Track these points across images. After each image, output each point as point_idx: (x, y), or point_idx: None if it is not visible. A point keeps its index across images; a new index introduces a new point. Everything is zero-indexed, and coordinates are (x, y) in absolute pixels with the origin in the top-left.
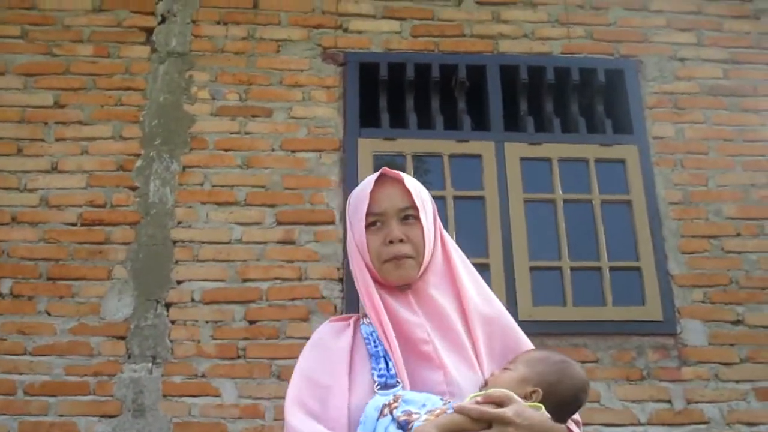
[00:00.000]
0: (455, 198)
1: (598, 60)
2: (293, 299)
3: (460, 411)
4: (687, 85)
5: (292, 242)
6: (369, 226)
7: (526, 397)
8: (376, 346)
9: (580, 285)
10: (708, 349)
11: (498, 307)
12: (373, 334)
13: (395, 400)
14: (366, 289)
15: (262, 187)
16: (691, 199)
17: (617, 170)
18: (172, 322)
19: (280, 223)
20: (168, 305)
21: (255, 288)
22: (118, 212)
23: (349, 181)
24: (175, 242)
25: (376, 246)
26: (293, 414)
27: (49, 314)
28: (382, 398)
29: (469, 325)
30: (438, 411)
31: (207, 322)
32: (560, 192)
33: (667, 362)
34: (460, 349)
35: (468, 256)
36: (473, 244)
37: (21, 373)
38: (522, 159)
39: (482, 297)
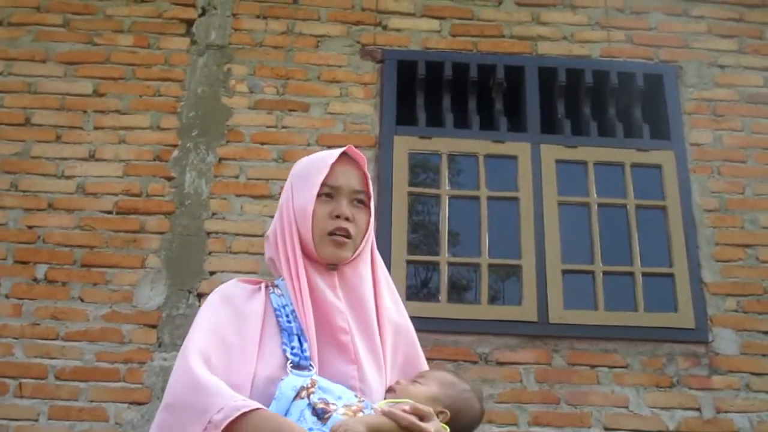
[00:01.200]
0: (489, 198)
1: (637, 64)
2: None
3: (389, 416)
4: (726, 92)
5: None
6: (319, 195)
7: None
8: (289, 321)
9: (612, 290)
10: (739, 359)
11: (407, 319)
12: (286, 307)
13: (312, 385)
14: (294, 259)
15: None
16: (727, 207)
17: (653, 176)
18: None
19: None
20: (200, 296)
21: None
22: (154, 202)
23: (384, 179)
24: (208, 233)
25: (322, 216)
26: (195, 360)
27: (82, 300)
28: (299, 379)
29: (381, 326)
30: (355, 407)
31: None
32: (595, 196)
33: (697, 370)
34: (373, 348)
35: (500, 257)
36: (506, 245)
37: (53, 358)
38: (558, 161)
39: (395, 304)
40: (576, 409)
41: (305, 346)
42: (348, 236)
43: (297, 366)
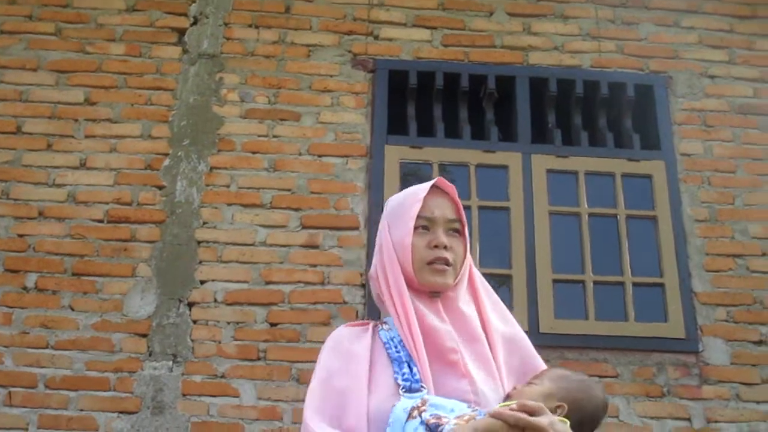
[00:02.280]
0: (480, 208)
1: (628, 74)
2: (315, 303)
3: (497, 416)
4: (717, 102)
5: (316, 246)
6: (416, 228)
7: (552, 412)
8: (398, 351)
9: (602, 299)
10: (730, 369)
11: (516, 327)
12: (394, 339)
13: (423, 404)
14: (398, 290)
15: (288, 190)
16: (718, 217)
17: (644, 185)
18: (194, 322)
19: (304, 227)
20: (190, 305)
21: (277, 291)
22: (144, 210)
23: (375, 188)
24: (199, 242)
25: (420, 248)
26: (313, 420)
27: (72, 309)
28: (409, 401)
29: (489, 339)
30: (467, 417)
31: (228, 322)
32: (586, 205)
33: (687, 380)
34: (484, 361)
35: (491, 267)
36: (497, 254)
37: (43, 367)
38: (548, 171)
39: (500, 316)
40: None
41: (415, 370)
42: (447, 264)
43: (409, 390)
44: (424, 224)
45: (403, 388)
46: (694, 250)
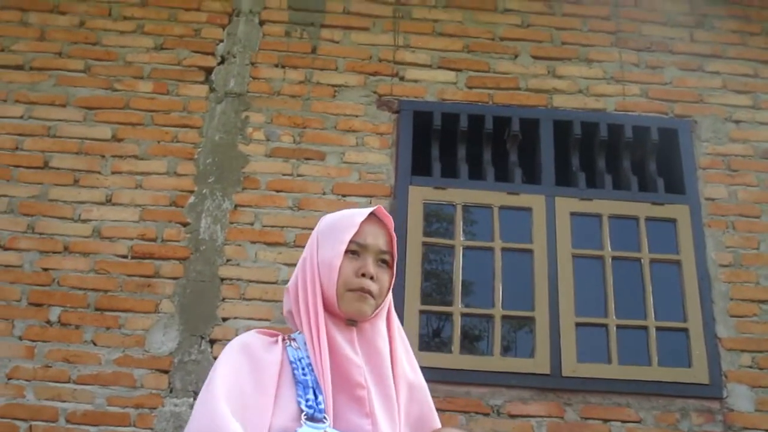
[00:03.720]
0: (503, 250)
1: (652, 118)
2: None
3: None
4: (741, 147)
5: None
6: (346, 253)
7: None
8: (304, 374)
9: (625, 343)
10: (755, 416)
11: (421, 376)
12: (302, 360)
13: None
14: (315, 311)
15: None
16: (742, 262)
17: (668, 230)
18: (215, 359)
19: None
20: (212, 342)
21: None
22: (169, 247)
23: (399, 228)
24: (222, 279)
25: (347, 273)
26: (222, 408)
27: (94, 344)
28: (312, 431)
29: (396, 381)
30: None
31: None
32: (609, 249)
33: (711, 426)
34: (388, 402)
35: (513, 309)
36: (520, 297)
37: (64, 401)
38: (572, 214)
39: (409, 361)
40: None
41: (320, 398)
42: (371, 295)
43: (311, 418)
44: (355, 249)
45: (305, 414)
46: (719, 295)
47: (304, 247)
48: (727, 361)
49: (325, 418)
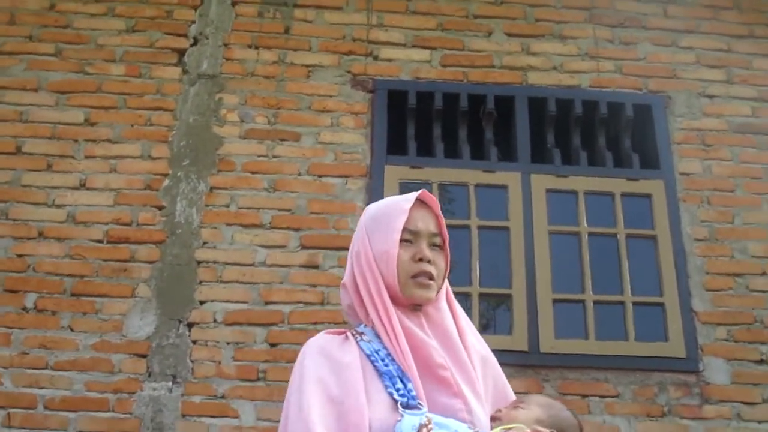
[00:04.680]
0: (480, 228)
1: (627, 94)
2: (315, 323)
3: None
4: (715, 122)
5: (315, 266)
6: (400, 241)
7: None
8: (386, 365)
9: (603, 319)
10: (731, 388)
11: (488, 348)
12: (380, 352)
13: (429, 422)
14: (382, 302)
15: (288, 210)
16: (717, 237)
17: (643, 205)
18: (194, 342)
19: (304, 247)
20: (190, 325)
21: (277, 311)
22: (144, 231)
23: None
24: (199, 263)
25: (405, 260)
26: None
27: (71, 330)
28: (415, 418)
29: (469, 357)
30: None
31: (228, 343)
32: (585, 225)
33: (688, 400)
34: (470, 379)
35: (491, 286)
36: (497, 274)
37: (42, 387)
38: (548, 191)
39: (475, 335)
40: None
41: (410, 386)
42: (431, 278)
43: (407, 406)
44: (408, 237)
45: (401, 404)
46: (694, 270)
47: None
48: (703, 335)
49: (420, 404)
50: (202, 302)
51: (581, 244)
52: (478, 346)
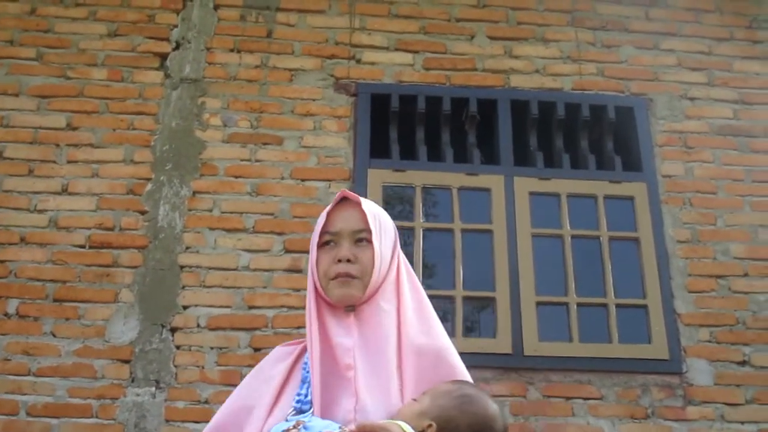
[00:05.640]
0: (463, 231)
1: (609, 97)
2: (299, 327)
3: None
4: (697, 124)
5: (299, 270)
6: (323, 245)
7: (422, 430)
8: (308, 372)
9: (586, 321)
10: (714, 390)
11: (437, 341)
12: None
13: (295, 427)
14: (308, 309)
15: (271, 214)
16: (699, 238)
17: (626, 207)
18: (177, 347)
19: (287, 251)
20: (173, 330)
21: (261, 315)
22: (127, 236)
23: None
24: (182, 267)
25: (325, 264)
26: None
27: (54, 336)
28: (284, 424)
29: (401, 353)
30: None
31: (212, 348)
32: (568, 227)
33: (672, 401)
34: (383, 376)
35: (474, 289)
36: (480, 277)
37: (24, 394)
38: (531, 194)
39: (424, 328)
40: None
41: (309, 390)
42: (351, 276)
43: (299, 411)
44: (329, 239)
45: (293, 410)
46: (677, 271)
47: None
48: (686, 337)
49: (310, 408)
50: (185, 307)
51: (564, 246)
52: (419, 338)
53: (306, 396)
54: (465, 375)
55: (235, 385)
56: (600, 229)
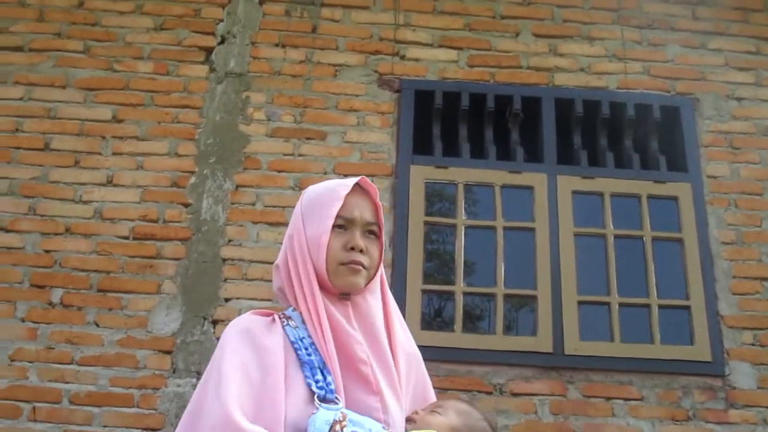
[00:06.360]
0: (505, 228)
1: (654, 96)
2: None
3: None
4: (743, 124)
5: None
6: (333, 227)
7: None
8: (309, 354)
9: (628, 321)
10: (756, 393)
11: (416, 349)
12: (304, 340)
13: (343, 418)
14: (311, 290)
15: None
16: (744, 240)
17: (670, 207)
18: (218, 340)
19: None
20: (215, 322)
21: None
22: (170, 228)
23: (400, 208)
24: (224, 260)
25: (336, 248)
26: (237, 415)
27: (97, 325)
28: (329, 413)
29: (393, 353)
30: None
31: None
32: (611, 227)
33: (713, 404)
34: (390, 376)
35: (515, 287)
36: (522, 275)
37: (67, 382)
38: (574, 192)
39: (405, 334)
40: None
41: (329, 378)
42: (363, 267)
43: (324, 399)
44: (342, 224)
45: (318, 396)
46: (721, 273)
47: None
48: (729, 339)
49: (337, 398)
50: (227, 299)
51: (607, 246)
52: (405, 341)
53: (326, 384)
54: (431, 387)
55: None
56: (643, 229)
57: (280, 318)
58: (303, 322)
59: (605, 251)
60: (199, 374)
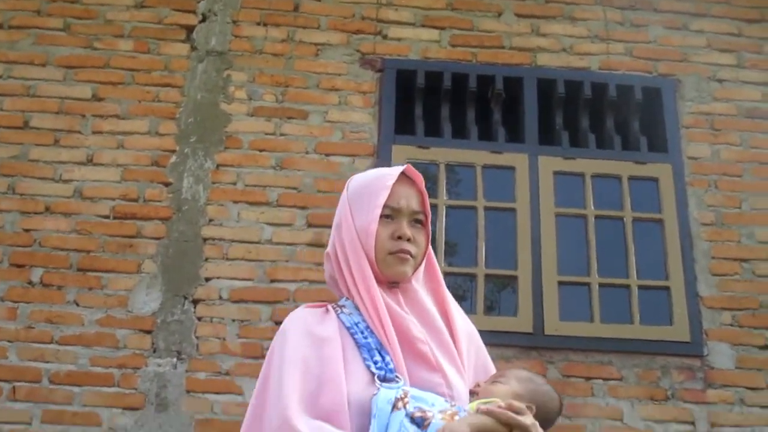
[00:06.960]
0: (486, 209)
1: (636, 77)
2: (321, 301)
3: (490, 414)
4: (724, 106)
5: (321, 245)
6: (380, 217)
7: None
8: (365, 337)
9: (608, 302)
10: (734, 373)
11: (473, 326)
12: (359, 324)
13: (405, 395)
14: (363, 277)
15: (295, 188)
16: (724, 221)
17: (650, 188)
18: (199, 319)
19: (310, 226)
20: (195, 302)
21: (283, 289)
22: (151, 207)
23: None
24: (205, 239)
25: (384, 237)
26: (299, 419)
27: (77, 305)
28: (391, 392)
29: (453, 334)
30: (450, 412)
31: (233, 320)
32: (592, 207)
33: (692, 384)
34: (449, 353)
35: (496, 268)
36: (502, 255)
37: (47, 362)
38: (555, 173)
39: (460, 313)
40: (570, 421)
41: (388, 359)
42: (411, 256)
43: (384, 379)
44: (389, 213)
45: (378, 377)
46: (701, 254)
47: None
48: (708, 320)
49: (398, 377)
50: (207, 279)
51: (588, 226)
52: (463, 322)
53: (385, 364)
54: (492, 363)
55: (255, 358)
56: (624, 210)
57: (333, 308)
58: (356, 309)
59: (586, 232)
60: (179, 353)
